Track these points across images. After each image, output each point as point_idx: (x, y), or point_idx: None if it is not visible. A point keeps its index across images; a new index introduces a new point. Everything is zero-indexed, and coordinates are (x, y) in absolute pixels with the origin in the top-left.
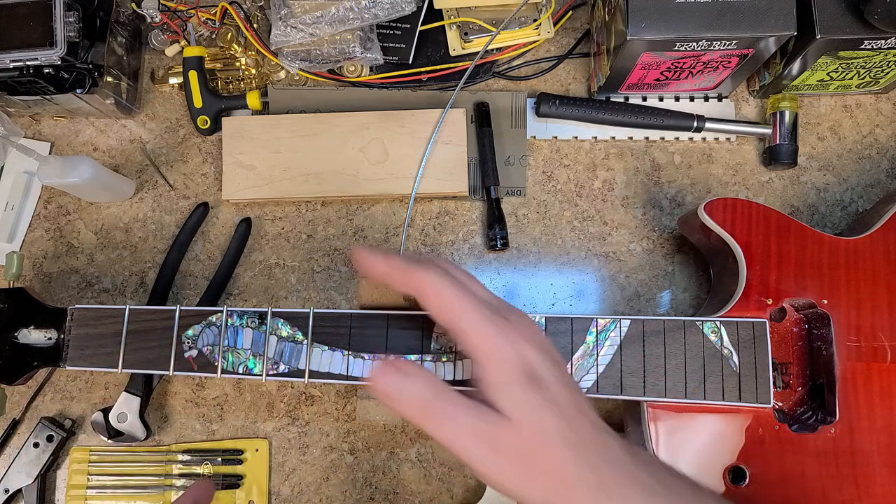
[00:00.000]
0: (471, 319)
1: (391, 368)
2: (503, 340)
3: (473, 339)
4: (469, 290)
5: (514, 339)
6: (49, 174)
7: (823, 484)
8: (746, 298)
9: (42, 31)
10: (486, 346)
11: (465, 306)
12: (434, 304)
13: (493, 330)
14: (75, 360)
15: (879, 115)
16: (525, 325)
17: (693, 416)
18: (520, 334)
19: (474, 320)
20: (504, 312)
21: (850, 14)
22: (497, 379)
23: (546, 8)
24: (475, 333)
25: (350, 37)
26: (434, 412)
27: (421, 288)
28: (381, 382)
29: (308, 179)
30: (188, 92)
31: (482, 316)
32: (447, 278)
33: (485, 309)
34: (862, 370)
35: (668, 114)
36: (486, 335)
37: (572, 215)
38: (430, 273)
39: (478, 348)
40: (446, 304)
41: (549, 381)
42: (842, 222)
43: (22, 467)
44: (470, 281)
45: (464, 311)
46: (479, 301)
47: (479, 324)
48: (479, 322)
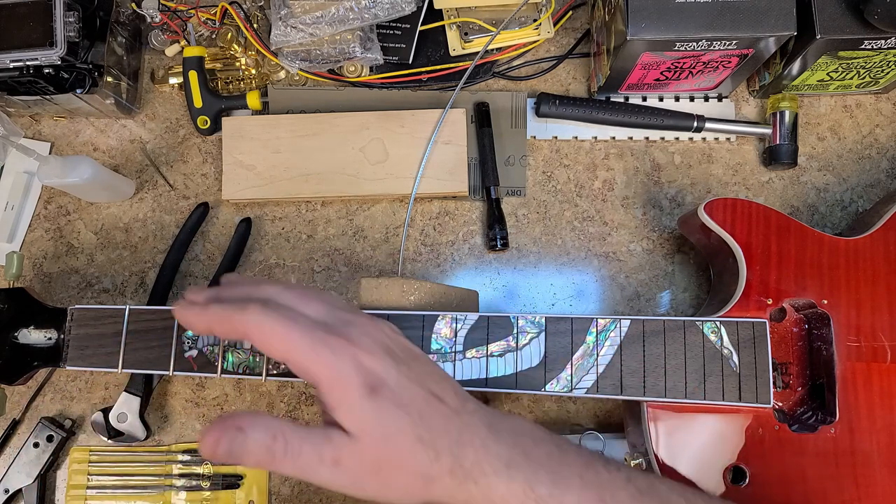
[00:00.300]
0: (301, 349)
1: (219, 431)
2: (337, 359)
3: (308, 366)
4: (297, 315)
5: (349, 355)
6: (49, 174)
7: (823, 484)
8: (746, 298)
9: (42, 31)
10: (321, 370)
11: (292, 337)
12: (263, 345)
13: (325, 352)
14: (75, 360)
15: (879, 115)
16: (364, 333)
17: (693, 416)
18: (357, 346)
19: (305, 348)
20: (340, 326)
21: (850, 14)
22: (338, 400)
23: (546, 8)
24: (308, 361)
25: (350, 37)
26: (278, 455)
27: (246, 333)
28: (215, 450)
29: (308, 179)
30: (188, 92)
31: (313, 341)
32: (269, 313)
33: (315, 331)
34: (862, 370)
35: (668, 114)
36: (320, 360)
37: (572, 215)
38: (249, 313)
39: (314, 374)
40: (275, 341)
41: (393, 382)
42: (842, 222)
43: (22, 467)
44: (302, 301)
45: (293, 343)
46: (307, 326)
47: (310, 350)
48: (311, 348)
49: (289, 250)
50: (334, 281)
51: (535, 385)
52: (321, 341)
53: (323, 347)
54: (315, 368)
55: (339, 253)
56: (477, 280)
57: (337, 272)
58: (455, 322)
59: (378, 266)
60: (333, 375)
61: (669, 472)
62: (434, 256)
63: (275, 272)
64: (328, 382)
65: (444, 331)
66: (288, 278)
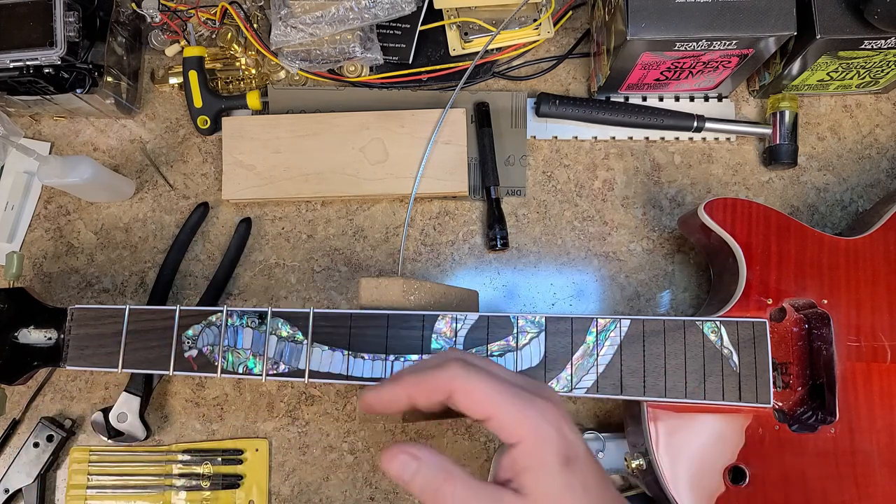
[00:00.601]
0: (508, 406)
1: (400, 453)
2: (542, 421)
3: (513, 425)
4: (496, 374)
5: (555, 420)
6: (49, 174)
7: (823, 484)
8: (746, 298)
9: (42, 31)
10: (525, 429)
11: (498, 394)
12: (466, 401)
13: (533, 413)
14: (75, 360)
15: (879, 115)
16: (559, 401)
17: (693, 416)
18: (557, 412)
19: (512, 406)
20: (535, 390)
21: (850, 14)
22: (534, 462)
23: (546, 8)
24: (514, 420)
25: (350, 37)
26: (443, 498)
27: (450, 391)
28: (393, 467)
29: (308, 179)
30: (188, 92)
31: (521, 400)
32: (471, 370)
33: (518, 391)
34: (862, 370)
35: (668, 114)
36: (527, 420)
37: (572, 215)
38: (452, 370)
39: (518, 433)
40: (480, 396)
41: (583, 458)
42: (842, 222)
43: (22, 467)
44: (490, 365)
45: (499, 400)
46: (510, 385)
47: (517, 409)
48: (518, 407)
49: (289, 250)
50: (334, 281)
51: None
52: (528, 401)
53: (530, 408)
54: (520, 428)
55: (339, 253)
56: (477, 280)
57: (337, 272)
58: (455, 322)
59: (378, 266)
60: (538, 437)
61: (669, 472)
62: (434, 256)
63: (275, 272)
64: (531, 442)
65: (444, 331)
66: (288, 278)
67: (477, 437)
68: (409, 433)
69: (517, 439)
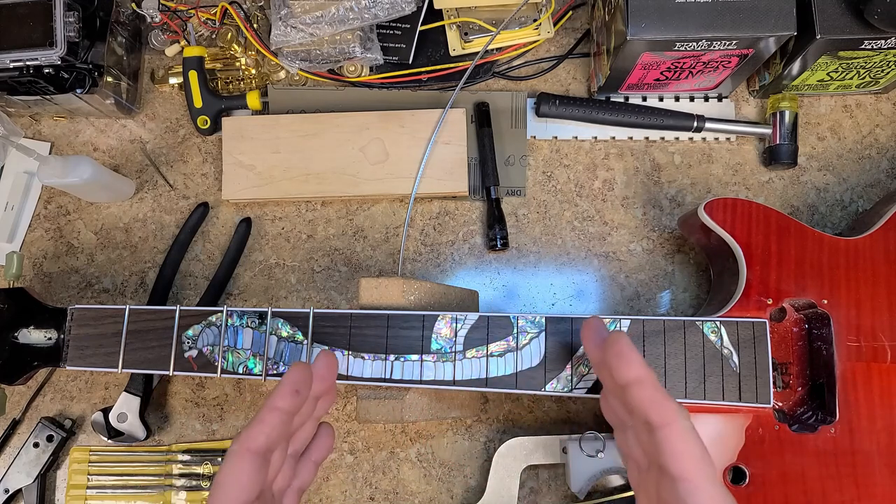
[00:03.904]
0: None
1: None
2: None
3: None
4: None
5: None
6: (49, 174)
7: (823, 484)
8: (746, 298)
9: (42, 31)
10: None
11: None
12: (671, 447)
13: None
14: (75, 360)
15: (879, 115)
16: None
17: (693, 416)
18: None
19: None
20: None
21: (850, 14)
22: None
23: (546, 8)
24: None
25: (350, 37)
26: None
27: (661, 421)
28: None
29: (308, 179)
30: (188, 92)
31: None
32: (692, 427)
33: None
34: (862, 370)
35: (668, 114)
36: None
37: (572, 215)
38: (679, 414)
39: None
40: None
41: None
42: (842, 222)
43: (22, 467)
44: None
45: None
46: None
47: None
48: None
49: (289, 250)
50: (334, 281)
51: (535, 385)
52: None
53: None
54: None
55: (339, 253)
56: (477, 280)
57: (337, 272)
58: (455, 322)
59: (378, 266)
60: None
61: None
62: (434, 256)
63: (275, 272)
64: None
65: (444, 331)
66: (288, 278)
67: (477, 438)
68: (409, 433)
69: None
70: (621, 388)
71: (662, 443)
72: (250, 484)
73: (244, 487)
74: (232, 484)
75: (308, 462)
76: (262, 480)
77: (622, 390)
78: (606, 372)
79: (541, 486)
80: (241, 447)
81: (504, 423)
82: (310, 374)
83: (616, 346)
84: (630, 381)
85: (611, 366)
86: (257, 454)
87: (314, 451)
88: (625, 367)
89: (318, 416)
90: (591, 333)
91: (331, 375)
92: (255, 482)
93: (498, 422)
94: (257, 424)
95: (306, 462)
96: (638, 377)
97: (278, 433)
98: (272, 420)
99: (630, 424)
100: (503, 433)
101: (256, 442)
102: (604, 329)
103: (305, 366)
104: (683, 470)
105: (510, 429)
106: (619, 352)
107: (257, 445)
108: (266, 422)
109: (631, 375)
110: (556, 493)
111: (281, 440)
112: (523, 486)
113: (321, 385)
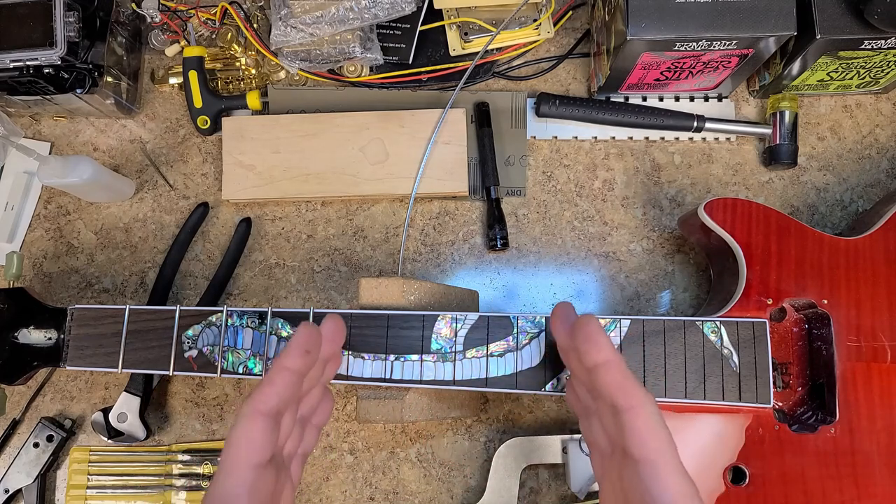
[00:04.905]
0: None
1: None
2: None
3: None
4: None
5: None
6: (49, 174)
7: (823, 484)
8: (746, 298)
9: (42, 31)
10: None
11: (671, 448)
12: (638, 432)
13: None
14: (75, 360)
15: (879, 115)
16: None
17: (693, 416)
18: None
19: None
20: None
21: (850, 14)
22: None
23: (546, 8)
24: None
25: (350, 37)
26: None
27: (628, 405)
28: None
29: (308, 179)
30: (188, 92)
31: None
32: (659, 414)
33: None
34: (862, 370)
35: (668, 114)
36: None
37: (572, 215)
38: (645, 398)
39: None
40: (652, 436)
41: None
42: (842, 222)
43: (22, 467)
44: None
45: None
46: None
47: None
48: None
49: (289, 250)
50: (334, 281)
51: (535, 385)
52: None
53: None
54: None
55: (339, 253)
56: (477, 280)
57: (337, 272)
58: (455, 322)
59: (378, 266)
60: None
61: None
62: (434, 256)
63: (275, 272)
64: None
65: (444, 331)
66: (288, 278)
67: (477, 438)
68: (409, 433)
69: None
70: (588, 370)
71: (627, 425)
72: (263, 445)
73: (257, 448)
74: (246, 444)
75: (311, 427)
76: (275, 442)
77: (589, 373)
78: (574, 356)
79: (541, 486)
80: (252, 408)
81: (504, 423)
82: (319, 335)
83: (585, 330)
84: (598, 364)
85: (579, 349)
86: (269, 415)
87: (316, 415)
88: (594, 350)
89: (325, 381)
90: (559, 318)
91: (339, 338)
92: (267, 443)
93: (498, 422)
94: (268, 385)
95: (310, 427)
96: (606, 359)
97: (289, 394)
98: (283, 380)
99: (594, 410)
100: (503, 433)
101: (268, 403)
102: (573, 313)
103: (314, 326)
104: (647, 452)
105: (510, 429)
106: (587, 335)
107: (268, 406)
108: (276, 382)
109: (600, 358)
110: (556, 493)
111: (291, 402)
112: (523, 486)
113: (329, 347)
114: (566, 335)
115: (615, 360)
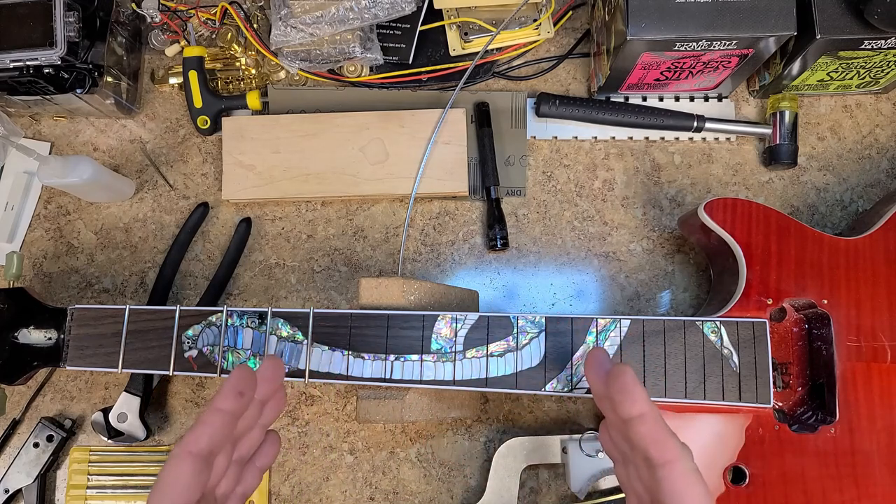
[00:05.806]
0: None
1: None
2: None
3: None
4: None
5: None
6: (49, 174)
7: (823, 484)
8: (746, 298)
9: (42, 31)
10: None
11: None
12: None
13: None
14: (75, 360)
15: (879, 115)
16: None
17: (693, 416)
18: None
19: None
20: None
21: (850, 14)
22: None
23: (546, 8)
24: None
25: (350, 37)
26: None
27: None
28: None
29: (308, 179)
30: (188, 92)
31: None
32: (697, 471)
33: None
34: (862, 370)
35: (668, 114)
36: None
37: (572, 215)
38: (682, 454)
39: None
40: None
41: None
42: (842, 222)
43: (22, 467)
44: None
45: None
46: None
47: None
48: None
49: (289, 250)
50: (334, 281)
51: (535, 385)
52: None
53: None
54: None
55: (339, 253)
56: (477, 280)
57: (337, 272)
58: (455, 322)
59: (378, 266)
60: None
61: None
62: (434, 256)
63: (275, 272)
64: None
65: (444, 331)
66: (288, 278)
67: (477, 438)
68: (409, 433)
69: None
70: (623, 422)
71: (663, 482)
72: (191, 486)
73: (184, 490)
74: (172, 485)
75: (253, 468)
76: (204, 483)
77: (624, 424)
78: (609, 405)
79: (541, 486)
80: (182, 449)
81: (504, 423)
82: (253, 376)
83: (619, 381)
84: (633, 417)
85: (613, 399)
86: (199, 456)
87: (259, 457)
88: (628, 403)
89: (265, 423)
90: (594, 365)
91: (275, 378)
92: (195, 484)
93: (498, 422)
94: (199, 426)
95: (251, 468)
96: (641, 412)
97: (221, 435)
98: (214, 422)
99: (630, 458)
100: (503, 433)
101: (198, 444)
102: (607, 360)
103: (248, 368)
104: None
105: (510, 429)
106: (622, 386)
107: (199, 448)
108: (208, 423)
109: (634, 411)
110: (556, 493)
111: (224, 443)
112: (523, 486)
113: (266, 387)
114: (601, 383)
115: (650, 413)
